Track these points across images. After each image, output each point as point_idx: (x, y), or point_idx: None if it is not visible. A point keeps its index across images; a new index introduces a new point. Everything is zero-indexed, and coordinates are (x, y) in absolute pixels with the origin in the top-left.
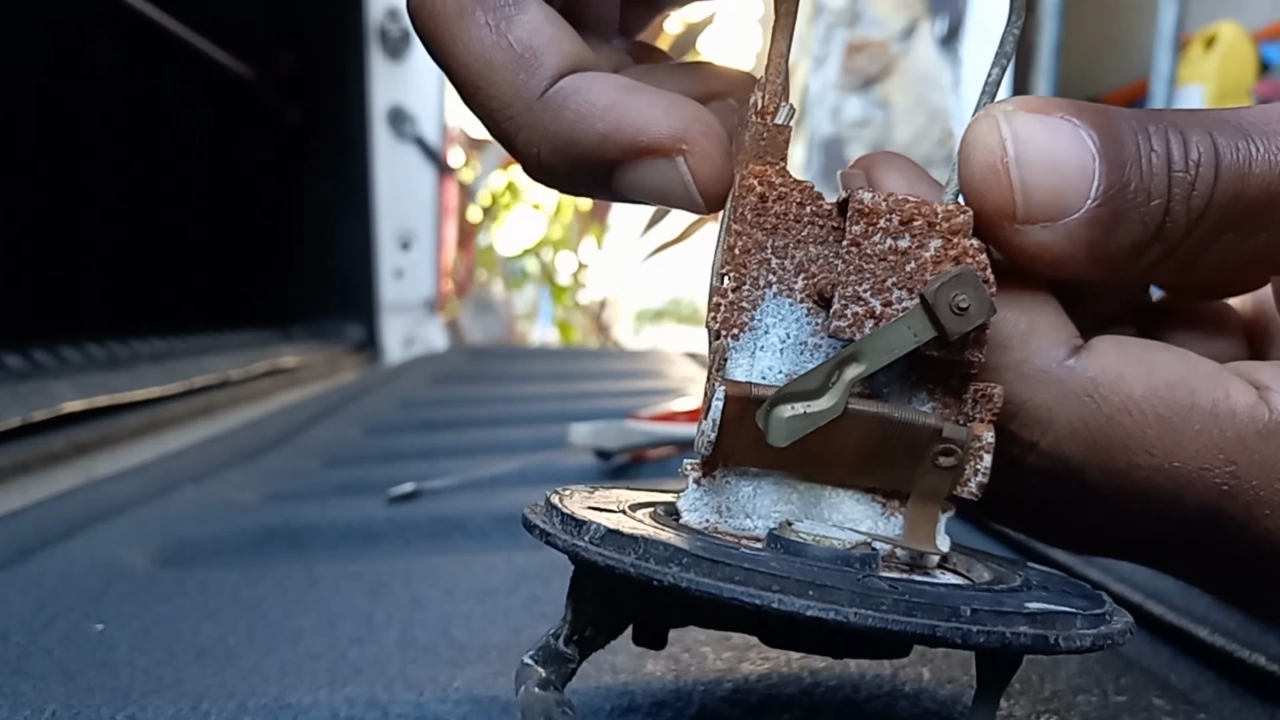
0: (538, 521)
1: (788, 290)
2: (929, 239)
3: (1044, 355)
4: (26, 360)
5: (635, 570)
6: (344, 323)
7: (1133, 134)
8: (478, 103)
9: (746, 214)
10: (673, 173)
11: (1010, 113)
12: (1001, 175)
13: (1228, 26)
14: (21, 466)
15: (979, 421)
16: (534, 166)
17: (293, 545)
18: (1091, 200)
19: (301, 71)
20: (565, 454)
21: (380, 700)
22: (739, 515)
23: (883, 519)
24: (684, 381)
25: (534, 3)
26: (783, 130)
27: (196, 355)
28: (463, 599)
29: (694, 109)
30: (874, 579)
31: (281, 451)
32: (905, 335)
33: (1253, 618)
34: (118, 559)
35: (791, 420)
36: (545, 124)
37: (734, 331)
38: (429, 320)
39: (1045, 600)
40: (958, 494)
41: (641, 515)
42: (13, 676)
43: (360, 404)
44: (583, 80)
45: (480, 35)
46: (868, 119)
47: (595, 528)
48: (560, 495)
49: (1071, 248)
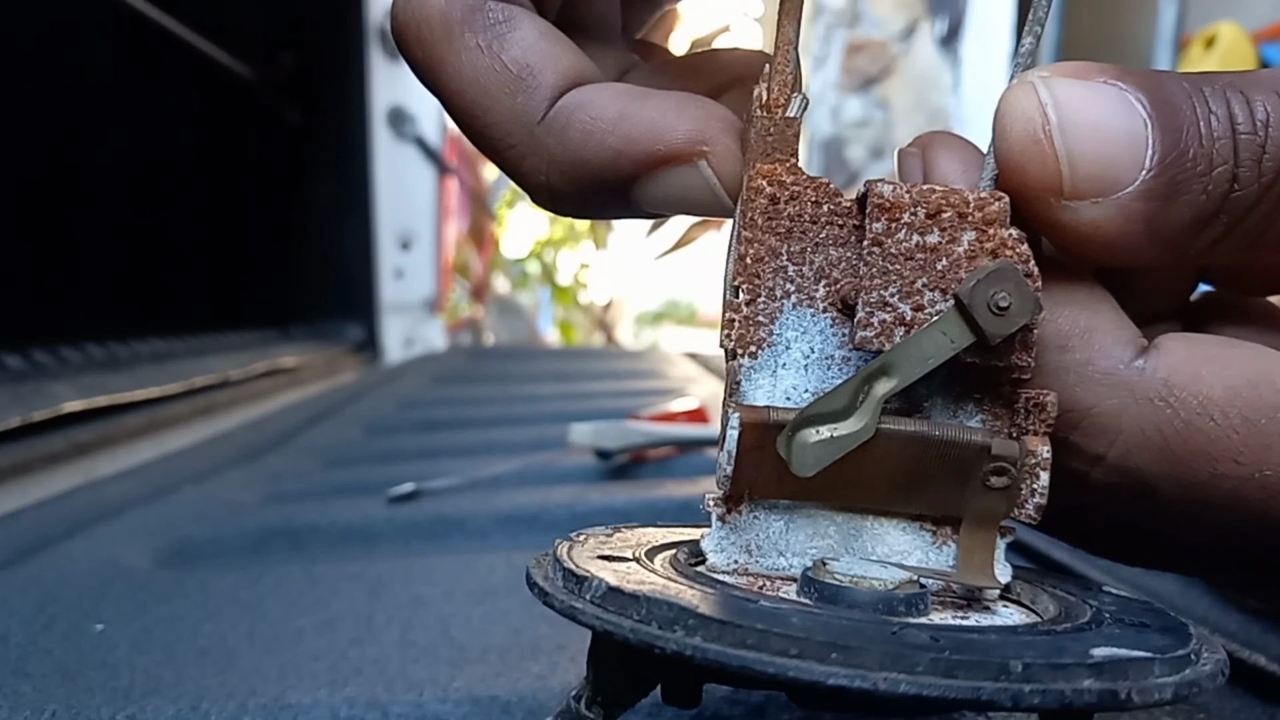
0: (538, 578)
1: (808, 299)
2: (961, 232)
3: (1109, 356)
4: (26, 360)
5: (634, 636)
6: (344, 323)
7: (1186, 96)
8: (476, 131)
9: (757, 218)
10: (695, 178)
11: (1048, 78)
12: (1044, 145)
13: (1228, 26)
14: (21, 466)
15: (1033, 434)
16: (544, 195)
17: (293, 545)
18: (1147, 170)
19: (301, 72)
20: (565, 454)
21: (380, 700)
22: (771, 554)
23: (934, 549)
24: (684, 381)
25: (527, 17)
26: (791, 124)
27: (196, 355)
28: (463, 599)
29: (708, 106)
30: (912, 631)
31: (281, 451)
32: (941, 342)
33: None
34: (118, 559)
35: (817, 446)
36: (550, 148)
37: (751, 349)
38: (429, 320)
39: (1117, 641)
40: (1015, 517)
41: (660, 561)
42: (13, 676)
43: (360, 404)
44: (585, 94)
45: (472, 59)
46: (868, 119)
47: (596, 585)
48: (570, 543)
49: (1127, 225)
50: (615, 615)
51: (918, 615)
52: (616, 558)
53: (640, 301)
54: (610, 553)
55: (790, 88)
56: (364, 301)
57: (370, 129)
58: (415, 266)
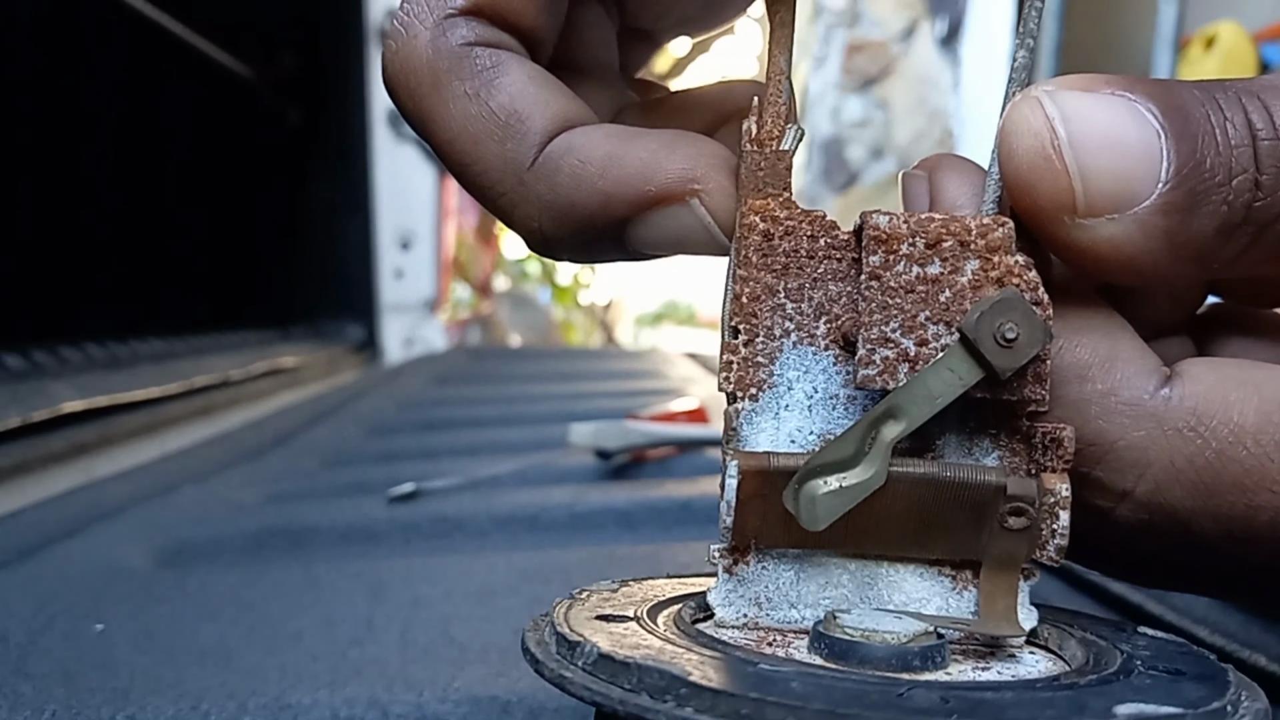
0: (531, 643)
1: (808, 337)
2: (964, 261)
3: (1133, 385)
4: (26, 360)
5: (623, 709)
6: (344, 323)
7: (1199, 104)
8: (468, 180)
9: (751, 256)
10: (689, 218)
11: (1053, 92)
12: (1054, 161)
13: (1228, 26)
14: (21, 466)
15: (1051, 471)
16: (538, 241)
17: (293, 545)
18: (1163, 183)
19: (301, 72)
20: (565, 454)
21: (380, 700)
22: (782, 606)
23: (954, 595)
24: (684, 381)
25: (514, 62)
26: (783, 157)
27: (196, 355)
28: (463, 599)
29: (700, 143)
30: (920, 692)
31: (281, 451)
32: (949, 380)
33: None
34: (118, 559)
35: (827, 498)
36: (541, 194)
37: (751, 391)
38: (429, 320)
39: (1145, 695)
40: (1036, 558)
41: (664, 618)
42: (13, 676)
43: (360, 404)
44: (573, 138)
45: (461, 108)
46: (868, 119)
47: (589, 651)
48: (571, 601)
49: (1147, 241)
50: (605, 684)
51: (934, 669)
52: (616, 617)
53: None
54: (611, 611)
55: (784, 119)
56: (364, 301)
57: (370, 129)
58: (415, 266)
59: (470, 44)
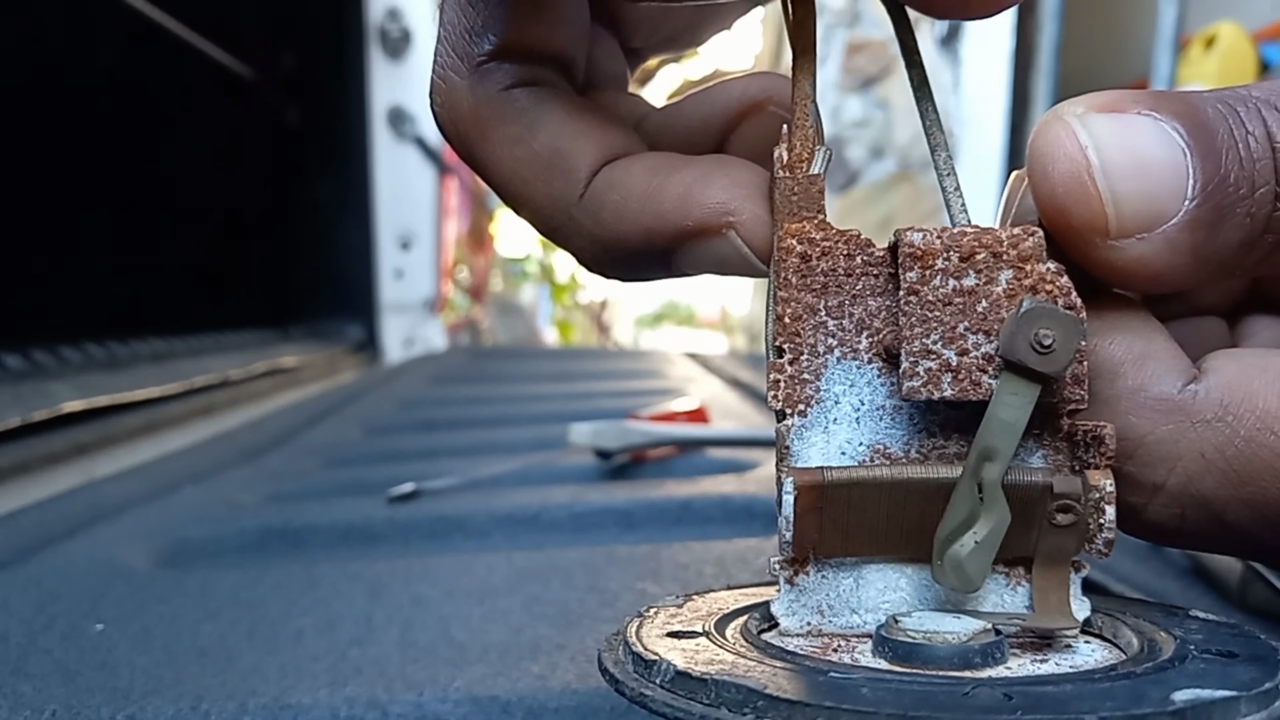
0: (608, 663)
1: (852, 352)
2: (997, 271)
3: (1162, 381)
4: (26, 360)
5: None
6: (344, 323)
7: (1222, 118)
8: (524, 216)
9: (791, 277)
10: (727, 248)
11: (1083, 115)
12: (1089, 188)
13: (1228, 26)
14: (21, 466)
15: (1094, 468)
16: (594, 266)
17: (293, 545)
18: (1190, 200)
19: (301, 71)
20: (565, 454)
21: (380, 700)
22: (844, 612)
23: (1008, 591)
24: (684, 381)
25: (553, 98)
26: (815, 181)
27: (196, 355)
28: (463, 599)
29: (734, 171)
30: (984, 690)
31: (281, 451)
32: (1015, 404)
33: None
34: (118, 559)
35: (972, 558)
36: (589, 228)
37: (799, 408)
38: (429, 320)
39: (1201, 680)
40: (1086, 552)
41: (731, 631)
42: (13, 676)
43: (360, 404)
44: (614, 173)
45: (508, 152)
46: (868, 119)
47: (665, 669)
48: (640, 619)
49: (1174, 257)
50: (685, 700)
51: (995, 665)
52: (686, 633)
53: (639, 303)
54: (680, 627)
55: (812, 142)
56: (364, 301)
57: (370, 129)
58: (415, 266)
59: (507, 87)
